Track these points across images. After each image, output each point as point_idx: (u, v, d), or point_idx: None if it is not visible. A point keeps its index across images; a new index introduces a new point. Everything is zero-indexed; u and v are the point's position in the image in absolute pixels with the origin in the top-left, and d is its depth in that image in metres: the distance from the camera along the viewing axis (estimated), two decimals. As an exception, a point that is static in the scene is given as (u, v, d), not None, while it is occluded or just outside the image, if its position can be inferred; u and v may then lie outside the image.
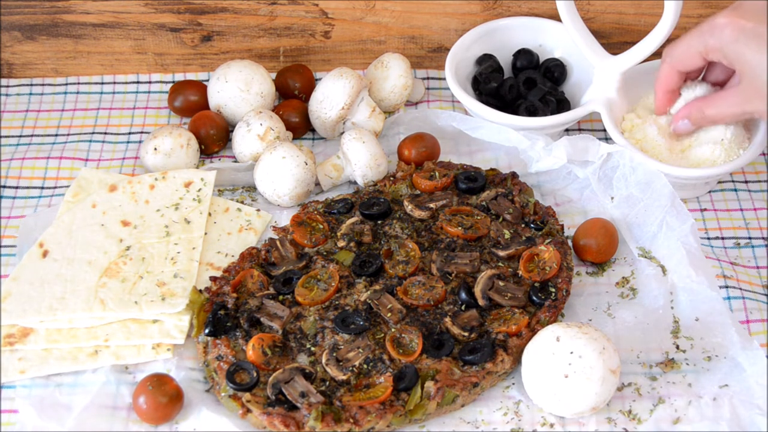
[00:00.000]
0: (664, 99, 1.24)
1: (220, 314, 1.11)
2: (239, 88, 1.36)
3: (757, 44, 1.06)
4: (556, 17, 1.37)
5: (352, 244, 1.19)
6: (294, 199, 1.28)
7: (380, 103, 1.40)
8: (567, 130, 1.40)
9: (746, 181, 1.34)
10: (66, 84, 1.48)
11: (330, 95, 1.32)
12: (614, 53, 1.33)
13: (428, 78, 1.48)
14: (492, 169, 1.29)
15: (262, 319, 1.11)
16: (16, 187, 1.33)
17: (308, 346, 1.10)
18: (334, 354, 1.08)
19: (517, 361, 1.09)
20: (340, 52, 1.49)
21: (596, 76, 1.35)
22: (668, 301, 1.16)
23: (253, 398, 1.04)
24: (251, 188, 1.32)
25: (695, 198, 1.31)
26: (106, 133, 1.41)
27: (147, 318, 1.14)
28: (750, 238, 1.27)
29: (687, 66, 1.18)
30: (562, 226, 1.23)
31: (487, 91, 1.39)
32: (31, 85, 1.49)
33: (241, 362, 1.07)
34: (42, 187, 1.33)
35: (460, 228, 1.20)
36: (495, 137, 1.32)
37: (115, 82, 1.49)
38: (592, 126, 1.42)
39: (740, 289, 1.18)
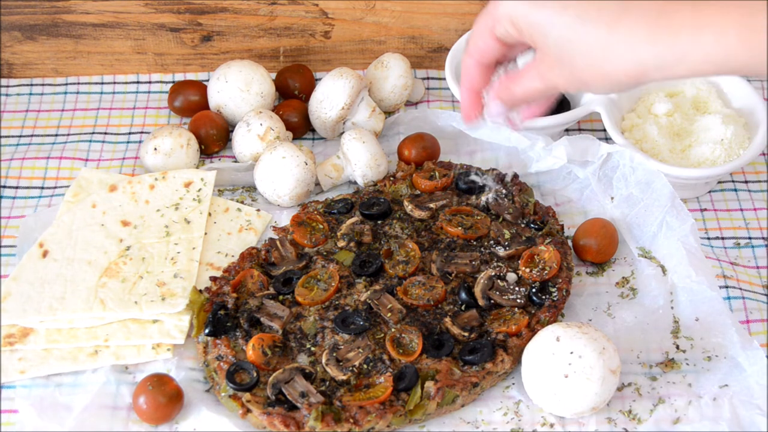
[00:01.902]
0: (470, 100, 1.02)
1: (220, 314, 1.11)
2: (239, 88, 1.36)
3: (547, 11, 0.89)
4: (556, 17, 1.37)
5: (352, 244, 1.20)
6: (294, 199, 1.28)
7: (380, 103, 1.40)
8: (567, 130, 1.40)
9: (746, 181, 1.34)
10: (66, 84, 1.48)
11: (330, 95, 1.32)
12: (614, 53, 1.33)
13: (428, 78, 1.48)
14: (492, 169, 1.29)
15: (262, 319, 1.11)
16: (16, 187, 1.33)
17: (308, 346, 1.10)
18: (334, 354, 1.08)
19: (517, 361, 1.09)
20: (340, 52, 1.49)
21: (596, 76, 1.34)
22: (668, 301, 1.16)
23: (253, 398, 1.04)
24: (251, 188, 1.32)
25: (695, 198, 1.31)
26: (106, 133, 1.41)
27: (147, 318, 1.14)
28: (750, 238, 1.27)
29: (485, 54, 0.98)
30: (562, 226, 1.23)
31: (487, 91, 1.39)
32: (31, 85, 1.49)
33: (241, 362, 1.07)
34: (42, 187, 1.33)
35: (460, 228, 1.20)
36: (495, 137, 1.32)
37: (115, 82, 1.49)
38: (592, 126, 1.42)
39: (740, 289, 1.18)
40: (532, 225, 1.22)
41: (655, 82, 0.86)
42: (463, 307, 1.13)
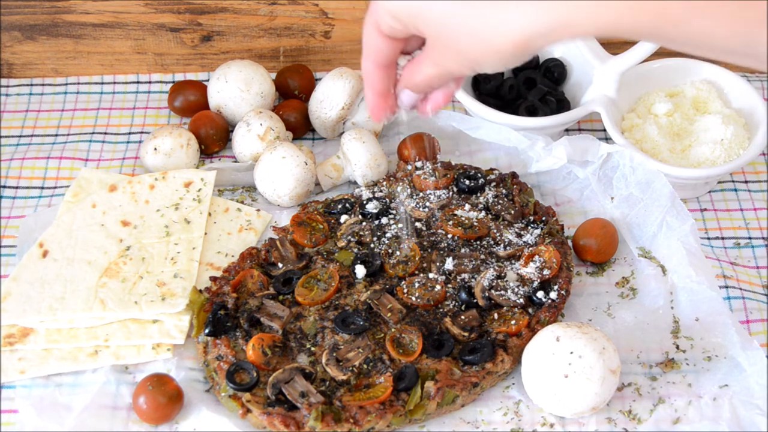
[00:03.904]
0: (375, 102, 0.98)
1: (220, 314, 1.11)
2: (239, 88, 1.36)
3: None
4: (556, 17, 1.37)
5: (352, 244, 1.20)
6: (294, 199, 1.28)
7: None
8: (567, 130, 1.40)
9: (746, 181, 1.34)
10: (66, 84, 1.48)
11: (330, 95, 1.32)
12: (614, 53, 1.33)
13: (428, 78, 1.48)
14: (492, 169, 1.29)
15: (262, 319, 1.11)
16: (16, 187, 1.33)
17: (308, 346, 1.10)
18: (334, 354, 1.08)
19: (517, 361, 1.09)
20: (340, 52, 1.49)
21: (596, 76, 1.35)
22: (668, 301, 1.16)
23: (253, 398, 1.04)
24: (251, 188, 1.32)
25: (695, 198, 1.31)
26: (106, 133, 1.41)
27: (147, 318, 1.14)
28: (750, 238, 1.27)
29: (380, 54, 0.94)
30: (562, 226, 1.23)
31: (487, 91, 1.39)
32: (31, 85, 1.49)
33: (241, 362, 1.07)
34: (42, 187, 1.33)
35: (460, 228, 1.20)
36: (495, 137, 1.32)
37: (115, 82, 1.49)
38: (592, 126, 1.42)
39: (740, 289, 1.18)
40: (532, 225, 1.22)
41: (545, 47, 0.83)
42: (463, 307, 1.13)
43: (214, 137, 1.36)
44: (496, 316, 1.12)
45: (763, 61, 0.76)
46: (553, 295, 1.14)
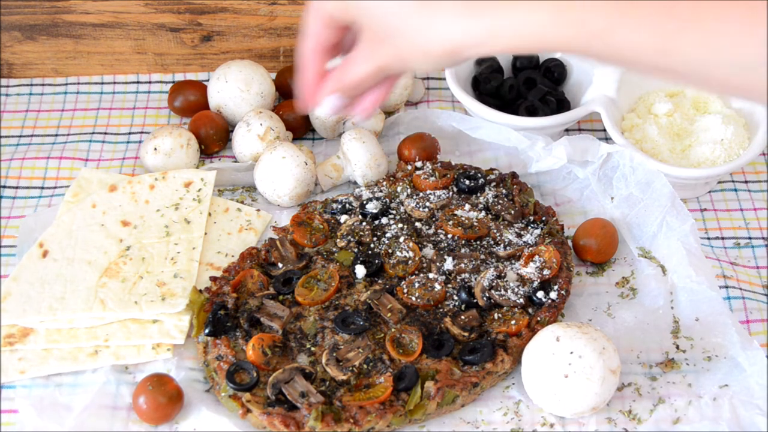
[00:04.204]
0: (309, 87, 0.96)
1: (220, 314, 1.11)
2: (239, 88, 1.36)
3: None
4: (556, 17, 1.37)
5: (352, 244, 1.20)
6: (294, 199, 1.28)
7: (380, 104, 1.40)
8: (567, 130, 1.40)
9: (746, 181, 1.34)
10: (66, 84, 1.48)
11: (330, 95, 1.32)
12: (614, 53, 1.33)
13: (428, 78, 1.48)
14: (492, 169, 1.29)
15: (262, 319, 1.11)
16: (16, 187, 1.33)
17: (308, 346, 1.10)
18: (334, 354, 1.08)
19: (517, 361, 1.09)
20: (340, 52, 1.49)
21: (596, 76, 1.35)
22: (668, 301, 1.16)
23: (253, 398, 1.04)
24: (251, 188, 1.32)
25: (695, 198, 1.31)
26: (106, 133, 1.41)
27: (147, 318, 1.14)
28: (750, 238, 1.27)
29: (321, 38, 0.93)
30: (562, 226, 1.23)
31: (487, 91, 1.39)
32: (31, 85, 1.49)
33: (241, 362, 1.07)
34: (42, 187, 1.33)
35: (460, 228, 1.20)
36: (495, 137, 1.32)
37: (115, 82, 1.49)
38: (592, 126, 1.42)
39: (740, 289, 1.18)
40: (532, 225, 1.22)
41: (474, 57, 0.85)
42: (463, 307, 1.13)
43: (214, 137, 1.36)
44: (496, 316, 1.12)
45: (693, 80, 0.75)
46: (553, 295, 1.14)
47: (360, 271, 1.16)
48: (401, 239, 1.19)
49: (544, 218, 1.23)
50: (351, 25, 0.91)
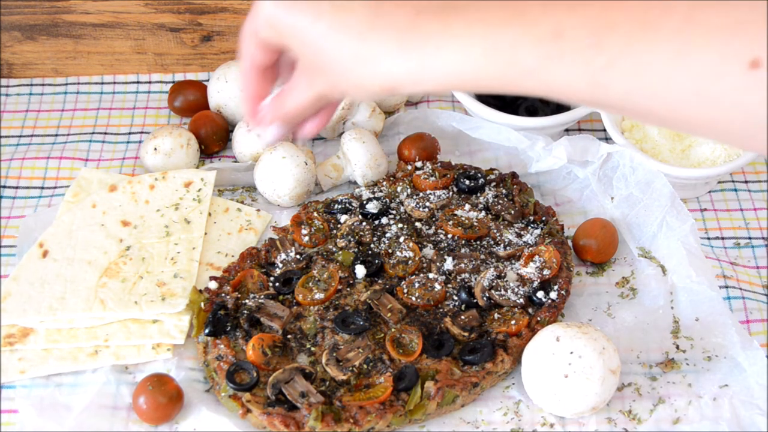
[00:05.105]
0: (252, 108, 0.94)
1: (220, 314, 1.11)
2: (239, 88, 1.36)
3: (304, 17, 0.81)
4: (556, 17, 1.37)
5: (352, 244, 1.20)
6: (294, 199, 1.28)
7: (380, 104, 1.40)
8: (567, 130, 1.40)
9: (746, 181, 1.34)
10: (66, 84, 1.48)
11: (330, 95, 1.32)
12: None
13: (428, 78, 1.48)
14: (492, 169, 1.29)
15: (262, 319, 1.11)
16: (16, 187, 1.33)
17: (308, 346, 1.10)
18: (334, 354, 1.08)
19: (517, 361, 1.09)
20: (340, 52, 1.49)
21: (596, 76, 1.34)
22: (668, 301, 1.16)
23: (253, 398, 1.04)
24: (251, 188, 1.32)
25: (695, 198, 1.31)
26: (106, 133, 1.41)
27: (147, 318, 1.14)
28: (750, 238, 1.27)
29: (256, 59, 0.90)
30: (562, 226, 1.23)
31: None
32: (31, 85, 1.49)
33: (241, 362, 1.07)
34: (42, 187, 1.33)
35: (460, 228, 1.20)
36: (495, 137, 1.32)
37: (115, 82, 1.49)
38: (592, 126, 1.42)
39: (740, 289, 1.18)
40: (532, 225, 1.22)
41: (413, 93, 0.82)
42: (463, 307, 1.13)
43: (214, 137, 1.36)
44: (496, 316, 1.12)
45: (636, 114, 0.73)
46: (553, 295, 1.14)
47: (360, 271, 1.16)
48: (401, 239, 1.19)
49: (544, 218, 1.23)
50: (286, 51, 0.87)
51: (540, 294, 1.14)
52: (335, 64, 0.81)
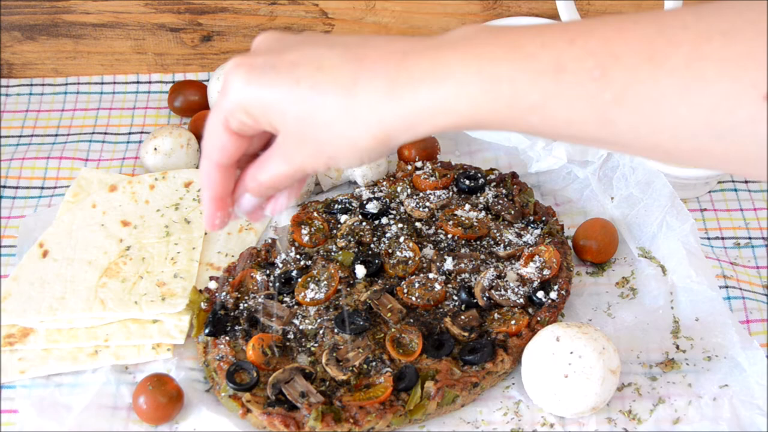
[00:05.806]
0: (212, 209, 0.88)
1: (220, 314, 1.11)
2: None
3: (280, 89, 0.77)
4: (556, 17, 1.37)
5: (352, 244, 1.20)
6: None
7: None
8: (567, 130, 1.40)
9: (746, 181, 1.34)
10: (66, 84, 1.48)
11: (330, 95, 1.32)
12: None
13: (428, 78, 1.48)
14: (492, 169, 1.30)
15: (262, 319, 1.12)
16: (16, 187, 1.33)
17: (308, 346, 1.10)
18: (334, 354, 1.08)
19: (517, 361, 1.09)
20: (340, 52, 1.49)
21: (596, 76, 1.34)
22: (668, 301, 1.16)
23: (253, 398, 1.04)
24: (251, 188, 1.32)
25: (695, 198, 1.31)
26: (106, 133, 1.41)
27: (147, 318, 1.14)
28: (750, 238, 1.27)
29: (225, 154, 0.84)
30: (562, 226, 1.23)
31: (487, 91, 1.39)
32: (31, 85, 1.49)
33: (241, 362, 1.07)
34: (42, 187, 1.33)
35: (460, 228, 1.20)
36: (495, 137, 1.32)
37: (115, 82, 1.49)
38: (592, 126, 1.41)
39: (740, 289, 1.18)
40: (532, 225, 1.22)
41: (407, 141, 0.76)
42: (463, 307, 1.13)
43: (214, 137, 1.35)
44: (496, 316, 1.12)
45: (643, 152, 0.70)
46: (553, 295, 1.14)
47: (360, 271, 1.16)
48: (401, 239, 1.19)
49: (544, 218, 1.23)
50: (266, 129, 0.81)
51: (540, 294, 1.14)
52: (320, 128, 0.76)
